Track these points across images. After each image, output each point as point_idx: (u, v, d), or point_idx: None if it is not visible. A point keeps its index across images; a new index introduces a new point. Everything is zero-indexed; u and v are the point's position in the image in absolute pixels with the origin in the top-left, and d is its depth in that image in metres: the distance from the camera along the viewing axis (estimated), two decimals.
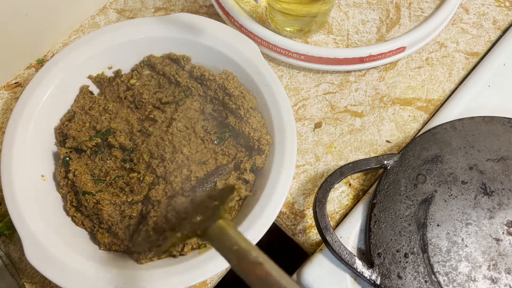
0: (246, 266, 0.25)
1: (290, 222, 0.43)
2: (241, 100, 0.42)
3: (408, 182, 0.41)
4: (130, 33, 0.45)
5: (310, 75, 0.50)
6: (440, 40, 0.52)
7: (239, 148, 0.43)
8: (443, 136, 0.43)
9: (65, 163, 0.41)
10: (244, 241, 0.26)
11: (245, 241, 0.26)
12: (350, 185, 0.44)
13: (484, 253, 0.38)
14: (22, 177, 0.38)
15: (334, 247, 0.37)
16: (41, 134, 0.41)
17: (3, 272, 0.39)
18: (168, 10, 0.54)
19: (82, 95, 0.44)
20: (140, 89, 0.44)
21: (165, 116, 0.43)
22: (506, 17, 0.53)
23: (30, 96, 0.41)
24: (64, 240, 0.36)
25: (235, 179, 0.40)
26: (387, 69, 0.50)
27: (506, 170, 0.41)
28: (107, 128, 0.42)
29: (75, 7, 0.51)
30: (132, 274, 0.35)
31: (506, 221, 0.39)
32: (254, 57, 0.44)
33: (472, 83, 0.48)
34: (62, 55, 0.43)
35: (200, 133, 0.43)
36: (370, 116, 0.47)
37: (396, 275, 0.37)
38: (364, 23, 0.52)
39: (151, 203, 0.38)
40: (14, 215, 0.36)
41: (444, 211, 0.39)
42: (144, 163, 0.40)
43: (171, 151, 0.41)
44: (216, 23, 0.45)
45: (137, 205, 0.39)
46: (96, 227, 0.39)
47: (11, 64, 0.49)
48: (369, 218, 0.40)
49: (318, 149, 0.46)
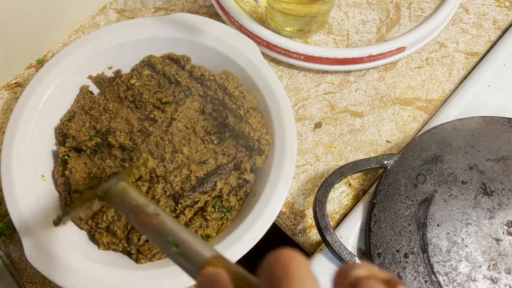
0: (143, 218, 0.26)
1: (290, 222, 0.43)
2: (241, 100, 0.42)
3: (408, 182, 0.41)
4: (130, 33, 0.45)
5: (310, 75, 0.50)
6: (440, 40, 0.52)
7: (239, 148, 0.43)
8: (443, 136, 0.43)
9: (64, 162, 0.41)
10: (143, 197, 0.28)
11: (144, 197, 0.28)
12: (350, 185, 0.44)
13: (484, 253, 0.38)
14: (22, 177, 0.38)
15: (334, 247, 0.37)
16: (41, 134, 0.41)
17: (3, 272, 0.39)
18: (168, 10, 0.54)
19: (82, 95, 0.44)
20: (140, 89, 0.44)
21: (165, 116, 0.43)
22: (506, 17, 0.53)
23: (30, 96, 0.41)
24: (64, 240, 0.36)
25: (236, 179, 0.40)
26: (387, 69, 0.50)
27: (506, 170, 0.41)
28: (107, 128, 0.42)
29: (75, 7, 0.51)
30: (132, 274, 0.35)
31: (506, 221, 0.39)
32: (254, 57, 0.44)
33: (472, 83, 0.48)
34: (62, 55, 0.43)
35: (200, 133, 0.43)
36: (370, 116, 0.47)
37: (396, 275, 0.37)
38: (364, 23, 0.52)
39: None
40: (14, 215, 0.36)
41: (444, 211, 0.39)
42: None
43: (171, 151, 0.41)
44: (216, 23, 0.45)
45: None
46: (94, 227, 0.39)
47: (11, 64, 0.49)
48: (369, 218, 0.40)
49: (318, 149, 0.46)
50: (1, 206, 0.43)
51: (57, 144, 0.42)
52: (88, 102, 0.44)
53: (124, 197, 0.28)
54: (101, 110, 0.43)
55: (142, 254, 0.37)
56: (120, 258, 0.38)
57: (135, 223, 0.27)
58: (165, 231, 0.24)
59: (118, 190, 0.29)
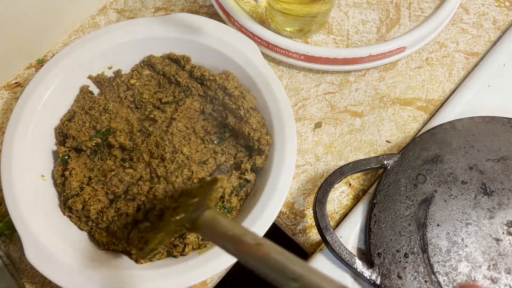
0: (245, 249, 0.24)
1: (290, 222, 0.43)
2: (241, 100, 0.42)
3: (408, 182, 0.41)
4: (130, 33, 0.45)
5: (310, 75, 0.50)
6: (440, 40, 0.52)
7: (239, 148, 0.43)
8: (443, 136, 0.43)
9: (64, 162, 0.41)
10: (238, 225, 0.26)
11: (239, 225, 0.26)
12: (350, 185, 0.44)
13: (484, 253, 0.38)
14: (22, 177, 0.38)
15: (334, 247, 0.37)
16: (41, 134, 0.41)
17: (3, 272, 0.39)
18: (168, 10, 0.54)
19: (82, 95, 0.44)
20: (140, 89, 0.44)
21: (165, 116, 0.43)
22: (506, 17, 0.53)
23: (30, 96, 0.41)
24: (64, 239, 0.37)
25: (237, 179, 0.40)
26: (387, 69, 0.50)
27: (506, 170, 0.41)
28: (107, 128, 0.42)
29: (75, 7, 0.51)
30: (132, 274, 0.35)
31: (506, 221, 0.39)
32: (254, 57, 0.44)
33: (472, 83, 0.48)
34: (62, 55, 0.43)
35: (200, 133, 0.43)
36: (370, 116, 0.47)
37: (396, 275, 0.37)
38: (364, 23, 0.52)
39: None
40: (14, 215, 0.36)
41: (444, 211, 0.39)
42: (143, 163, 0.40)
43: (171, 151, 0.41)
44: (216, 23, 0.45)
45: (133, 203, 0.39)
46: (94, 227, 0.39)
47: (11, 64, 0.49)
48: (369, 218, 0.40)
49: (318, 149, 0.46)
50: (1, 206, 0.43)
51: (57, 144, 0.42)
52: (88, 102, 0.44)
53: (215, 226, 0.26)
54: (101, 110, 0.43)
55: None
56: (120, 258, 0.38)
57: (236, 254, 0.24)
58: (274, 263, 0.22)
59: (207, 220, 0.26)
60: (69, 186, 0.39)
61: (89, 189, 0.39)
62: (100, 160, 0.41)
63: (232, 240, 0.25)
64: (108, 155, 0.41)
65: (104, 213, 0.38)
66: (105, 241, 0.38)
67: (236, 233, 0.25)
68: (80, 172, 0.40)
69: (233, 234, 0.25)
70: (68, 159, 0.41)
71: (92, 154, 0.42)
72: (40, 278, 0.40)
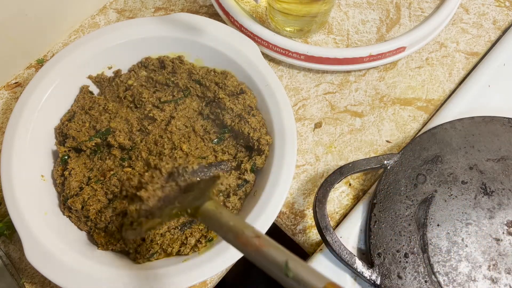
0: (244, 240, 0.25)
1: (290, 222, 0.43)
2: (241, 99, 0.42)
3: (408, 182, 0.41)
4: (130, 33, 0.45)
5: (310, 75, 0.50)
6: (440, 40, 0.52)
7: (239, 148, 0.43)
8: (443, 136, 0.43)
9: (64, 162, 0.41)
10: (239, 218, 0.27)
11: (239, 218, 0.27)
12: (350, 185, 0.44)
13: (484, 253, 0.38)
14: (22, 177, 0.38)
15: (334, 247, 0.37)
16: (41, 134, 0.41)
17: (3, 272, 0.39)
18: (168, 10, 0.54)
19: (82, 95, 0.44)
20: (139, 89, 0.44)
21: (164, 114, 0.43)
22: (506, 17, 0.53)
23: (30, 96, 0.41)
24: (64, 240, 0.37)
25: (236, 179, 0.40)
26: (387, 69, 0.50)
27: (506, 170, 0.41)
28: (106, 128, 0.42)
29: (75, 7, 0.51)
30: (131, 274, 0.35)
31: (506, 221, 0.39)
32: (254, 57, 0.44)
33: (472, 83, 0.48)
34: (62, 55, 0.43)
35: (199, 132, 0.43)
36: (370, 116, 0.47)
37: (396, 275, 0.37)
38: (364, 23, 0.52)
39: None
40: (14, 215, 0.36)
41: (444, 211, 0.39)
42: (142, 160, 0.40)
43: (170, 148, 0.41)
44: (216, 23, 0.45)
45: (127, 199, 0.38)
46: (93, 227, 0.39)
47: (11, 64, 0.49)
48: (369, 218, 0.40)
49: (318, 149, 0.46)
50: (1, 206, 0.43)
51: (57, 144, 0.42)
52: (88, 102, 0.44)
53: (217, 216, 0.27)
54: (101, 110, 0.43)
55: (140, 254, 0.37)
56: (119, 258, 0.38)
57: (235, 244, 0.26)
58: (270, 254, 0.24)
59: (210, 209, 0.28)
60: (69, 186, 0.39)
61: (88, 189, 0.39)
62: (99, 160, 0.41)
63: (233, 230, 0.26)
64: (108, 155, 0.41)
65: (102, 213, 0.38)
66: (103, 241, 0.38)
67: (237, 224, 0.26)
68: (79, 172, 0.40)
69: (234, 225, 0.26)
70: (67, 159, 0.41)
71: (91, 154, 0.42)
72: (40, 278, 0.40)
